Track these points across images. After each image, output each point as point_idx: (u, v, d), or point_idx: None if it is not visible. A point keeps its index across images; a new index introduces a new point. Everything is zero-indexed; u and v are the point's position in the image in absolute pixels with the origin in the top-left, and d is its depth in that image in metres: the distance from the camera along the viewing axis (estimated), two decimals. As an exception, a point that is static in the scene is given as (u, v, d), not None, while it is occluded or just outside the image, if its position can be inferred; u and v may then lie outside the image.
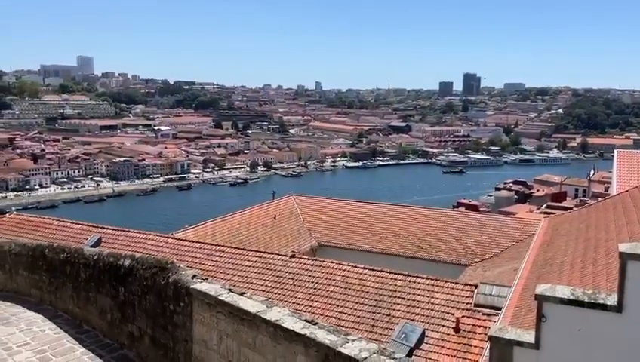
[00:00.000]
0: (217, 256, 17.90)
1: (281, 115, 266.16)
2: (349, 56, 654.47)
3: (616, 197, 14.76)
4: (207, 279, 6.94)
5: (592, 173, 60.70)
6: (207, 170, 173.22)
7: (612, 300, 6.24)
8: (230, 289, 6.41)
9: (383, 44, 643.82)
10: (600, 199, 18.36)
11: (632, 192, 13.78)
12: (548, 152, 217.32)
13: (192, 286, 6.69)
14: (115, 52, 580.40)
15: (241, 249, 18.67)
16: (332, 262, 16.78)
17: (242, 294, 6.25)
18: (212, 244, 19.00)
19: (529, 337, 6.78)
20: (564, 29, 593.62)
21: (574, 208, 23.50)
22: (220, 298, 6.19)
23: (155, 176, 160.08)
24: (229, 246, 18.85)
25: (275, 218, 25.32)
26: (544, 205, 64.25)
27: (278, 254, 18.04)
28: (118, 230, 20.70)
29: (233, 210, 26.58)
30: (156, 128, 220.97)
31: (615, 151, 25.39)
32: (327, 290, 15.37)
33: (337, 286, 15.41)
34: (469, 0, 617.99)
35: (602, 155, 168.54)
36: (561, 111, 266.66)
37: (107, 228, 20.96)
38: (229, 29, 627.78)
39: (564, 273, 10.38)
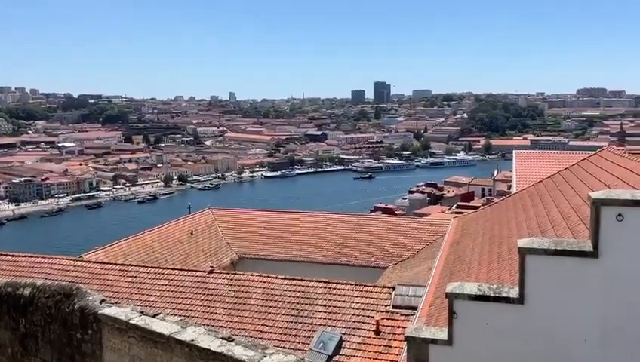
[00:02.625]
0: (131, 276, 17.09)
1: (195, 126, 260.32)
2: (263, 67, 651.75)
3: (516, 195, 15.83)
4: (117, 303, 6.63)
5: (495, 172, 64.62)
6: (118, 186, 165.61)
7: (514, 293, 6.63)
8: (142, 312, 6.17)
9: (296, 54, 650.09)
10: (503, 197, 19.59)
11: (530, 190, 14.83)
12: (456, 155, 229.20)
13: (100, 312, 6.37)
14: (9, 65, 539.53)
15: (156, 267, 17.96)
16: (252, 275, 16.59)
17: (155, 316, 6.02)
18: (124, 265, 18.12)
19: (442, 334, 7.04)
20: (464, 37, 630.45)
21: (481, 207, 24.95)
22: (131, 322, 5.94)
23: (60, 195, 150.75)
24: (143, 266, 18.08)
25: (192, 233, 24.62)
26: (455, 205, 67.69)
27: (195, 270, 17.56)
28: (18, 256, 19.19)
29: (148, 227, 25.59)
30: (60, 145, 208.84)
31: (514, 151, 27.36)
32: (248, 304, 15.18)
33: (258, 299, 15.26)
34: (375, 10, 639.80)
35: (504, 156, 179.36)
36: (465, 115, 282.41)
37: (5, 255, 19.34)
38: (136, 39, 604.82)
39: (473, 270, 10.94)
